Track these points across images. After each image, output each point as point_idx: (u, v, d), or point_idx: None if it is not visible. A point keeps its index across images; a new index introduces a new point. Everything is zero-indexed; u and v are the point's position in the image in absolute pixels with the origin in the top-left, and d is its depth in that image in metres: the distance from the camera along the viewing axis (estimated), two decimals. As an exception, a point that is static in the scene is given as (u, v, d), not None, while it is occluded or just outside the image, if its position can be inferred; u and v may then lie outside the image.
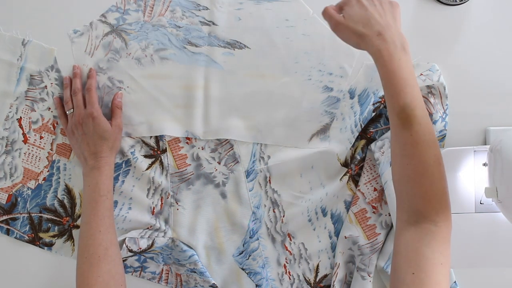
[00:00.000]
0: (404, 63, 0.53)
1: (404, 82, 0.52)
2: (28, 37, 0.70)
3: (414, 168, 0.51)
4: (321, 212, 0.71)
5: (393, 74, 0.52)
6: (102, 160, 0.66)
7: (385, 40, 0.53)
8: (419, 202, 0.51)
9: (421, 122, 0.51)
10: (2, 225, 0.72)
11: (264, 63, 0.70)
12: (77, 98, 0.67)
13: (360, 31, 0.55)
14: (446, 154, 0.63)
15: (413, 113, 0.51)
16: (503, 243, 0.63)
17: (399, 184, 0.53)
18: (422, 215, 0.50)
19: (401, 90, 0.52)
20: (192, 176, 0.71)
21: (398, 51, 0.53)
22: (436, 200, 0.50)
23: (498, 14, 0.69)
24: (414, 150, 0.51)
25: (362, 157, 0.70)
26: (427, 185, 0.50)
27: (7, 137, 0.71)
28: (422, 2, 0.69)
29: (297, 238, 0.72)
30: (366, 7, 0.55)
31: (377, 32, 0.53)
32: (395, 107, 0.52)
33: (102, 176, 0.65)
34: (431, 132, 0.51)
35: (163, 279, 0.73)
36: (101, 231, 0.62)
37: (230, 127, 0.70)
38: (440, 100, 0.68)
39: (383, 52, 0.53)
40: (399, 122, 0.52)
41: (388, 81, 0.53)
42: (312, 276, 0.72)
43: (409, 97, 0.51)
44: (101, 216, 0.63)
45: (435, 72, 0.68)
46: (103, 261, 0.60)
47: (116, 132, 0.68)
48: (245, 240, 0.72)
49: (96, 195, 0.64)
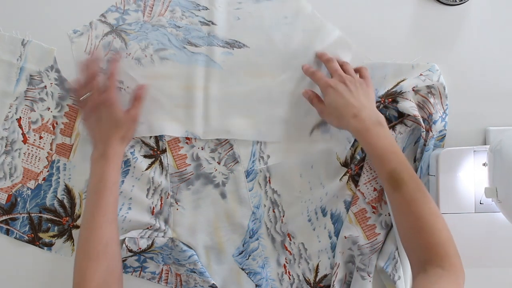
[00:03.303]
0: (383, 135, 0.60)
1: (386, 151, 0.58)
2: (28, 37, 0.70)
3: (412, 224, 0.56)
4: (321, 212, 0.71)
5: (375, 146, 0.59)
6: (111, 149, 0.64)
7: (361, 119, 0.60)
8: (423, 253, 0.55)
9: (409, 182, 0.56)
10: (2, 225, 0.72)
11: (263, 61, 0.70)
12: (94, 83, 0.65)
13: (338, 115, 0.62)
14: (446, 154, 0.63)
15: (400, 176, 0.57)
16: (503, 243, 0.63)
17: (403, 240, 0.58)
18: (428, 263, 0.53)
19: (385, 158, 0.58)
20: (192, 176, 0.71)
21: (375, 126, 0.60)
22: (439, 249, 0.54)
23: (498, 14, 0.69)
24: (409, 209, 0.56)
25: (362, 157, 0.70)
26: (427, 237, 0.54)
27: (7, 137, 0.71)
28: (422, 2, 0.69)
29: (297, 238, 0.72)
30: (342, 94, 0.62)
31: (353, 114, 0.60)
32: (383, 174, 0.59)
33: (109, 167, 0.63)
34: (421, 189, 0.56)
35: (163, 279, 0.73)
36: (103, 226, 0.61)
37: (231, 126, 0.70)
38: (440, 100, 0.68)
39: (361, 130, 0.60)
40: (389, 187, 0.58)
41: (372, 153, 0.60)
42: (312, 276, 0.72)
43: (394, 163, 0.58)
44: (104, 211, 0.61)
45: (435, 72, 0.68)
46: (102, 257, 0.59)
47: (130, 122, 0.66)
48: (245, 240, 0.72)
49: (101, 186, 0.62)
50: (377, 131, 0.59)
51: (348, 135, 0.69)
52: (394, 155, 0.58)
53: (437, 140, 0.68)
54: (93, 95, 0.65)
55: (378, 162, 0.59)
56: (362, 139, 0.60)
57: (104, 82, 0.66)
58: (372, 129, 0.59)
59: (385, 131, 0.60)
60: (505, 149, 0.55)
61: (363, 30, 0.70)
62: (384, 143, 0.59)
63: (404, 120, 0.68)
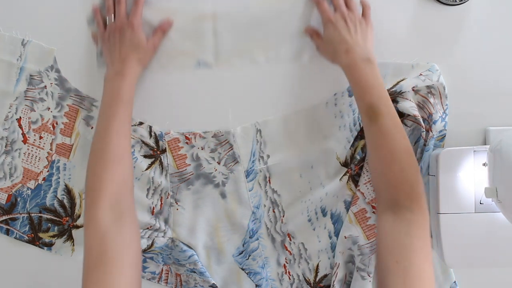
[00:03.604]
0: (370, 71, 0.60)
1: (369, 85, 0.59)
2: (28, 37, 0.70)
3: (384, 158, 0.57)
4: (321, 212, 0.71)
5: (359, 79, 0.60)
6: (128, 67, 0.64)
7: (352, 55, 0.62)
8: (392, 190, 0.55)
9: (387, 116, 0.57)
10: (2, 225, 0.72)
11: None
12: (121, 6, 0.66)
13: (332, 50, 0.64)
14: (446, 154, 0.63)
15: (379, 108, 0.58)
16: (503, 243, 0.63)
17: (374, 176, 0.59)
18: (396, 203, 0.54)
19: (366, 91, 0.59)
20: (192, 176, 0.71)
21: (363, 63, 0.61)
22: (408, 187, 0.55)
23: (498, 14, 0.69)
24: (383, 141, 0.57)
25: (362, 157, 0.70)
26: (397, 172, 0.55)
27: (7, 137, 0.71)
28: (422, 2, 0.69)
29: (297, 238, 0.72)
30: (340, 30, 0.63)
31: (345, 49, 0.62)
32: (363, 107, 0.59)
33: (125, 82, 0.63)
34: (398, 126, 0.57)
35: (163, 279, 0.73)
36: (119, 136, 0.60)
37: (242, 52, 0.70)
38: (440, 100, 0.68)
39: (350, 65, 0.61)
40: (367, 119, 0.59)
41: (355, 86, 0.61)
42: (312, 276, 0.72)
43: (375, 97, 0.59)
44: (119, 122, 0.61)
45: (435, 72, 0.68)
46: (117, 165, 0.59)
47: (150, 48, 0.68)
48: (245, 240, 0.72)
49: (118, 100, 0.62)
50: (364, 66, 0.61)
51: (348, 135, 0.69)
52: (376, 89, 0.59)
53: (437, 140, 0.68)
54: (120, 16, 0.66)
55: (360, 95, 0.60)
56: (349, 73, 0.62)
57: (132, 7, 0.67)
58: (359, 64, 0.61)
59: (372, 67, 0.61)
60: (505, 149, 0.55)
61: (363, 30, 0.70)
62: (369, 78, 0.60)
63: (404, 120, 0.68)
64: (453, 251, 0.63)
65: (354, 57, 0.61)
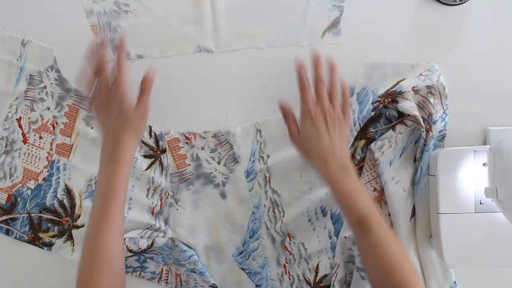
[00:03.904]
0: (351, 180, 0.60)
1: (353, 196, 0.59)
2: (28, 37, 0.70)
3: (382, 264, 0.57)
4: (321, 212, 0.71)
5: (342, 191, 0.59)
6: (121, 150, 0.61)
7: (330, 165, 0.60)
8: None
9: (378, 226, 0.58)
10: (2, 225, 0.72)
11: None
12: (102, 77, 0.62)
13: (309, 152, 0.62)
14: (446, 154, 0.63)
15: (368, 221, 0.57)
16: (503, 243, 0.63)
17: (372, 280, 0.59)
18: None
19: (353, 203, 0.59)
20: (192, 176, 0.71)
21: (342, 172, 0.60)
22: (409, 281, 0.56)
23: (498, 14, 0.69)
24: (379, 251, 0.57)
25: (362, 157, 0.70)
26: (397, 277, 0.56)
27: (7, 137, 0.71)
28: (422, 2, 0.69)
29: (297, 238, 0.72)
30: (318, 129, 0.61)
31: (323, 158, 0.61)
32: (351, 219, 0.59)
33: (118, 172, 0.60)
34: (390, 233, 0.58)
35: (162, 279, 0.73)
36: (109, 239, 0.58)
37: (242, 36, 0.70)
38: (440, 100, 0.68)
39: (329, 176, 0.60)
40: (358, 231, 0.59)
41: (339, 198, 0.60)
42: (312, 276, 0.72)
43: (362, 208, 0.58)
44: (111, 222, 0.59)
45: (435, 72, 0.68)
46: (106, 273, 0.57)
47: (140, 117, 0.63)
48: (245, 240, 0.72)
49: (109, 194, 0.59)
50: (343, 175, 0.60)
51: (348, 135, 0.69)
52: (361, 199, 0.59)
53: (437, 140, 0.68)
54: (103, 88, 0.62)
55: (345, 207, 0.60)
56: (329, 184, 0.61)
57: (114, 77, 0.62)
58: (339, 175, 0.60)
59: (352, 177, 0.61)
60: (505, 149, 0.55)
61: (363, 30, 0.70)
62: (351, 188, 0.60)
63: (404, 120, 0.68)
64: (453, 251, 0.63)
65: (332, 167, 0.60)
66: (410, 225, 0.68)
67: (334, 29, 0.70)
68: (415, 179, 0.68)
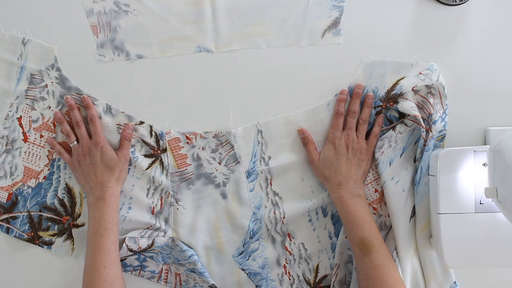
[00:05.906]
0: (360, 206, 0.65)
1: (360, 220, 0.63)
2: (28, 36, 0.70)
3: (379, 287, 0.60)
4: (322, 212, 0.71)
5: (350, 214, 0.64)
6: (108, 190, 0.66)
7: (343, 189, 0.66)
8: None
9: (379, 250, 0.62)
10: (2, 223, 0.72)
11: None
12: (81, 130, 0.68)
13: (326, 176, 0.67)
14: (446, 154, 0.63)
15: (371, 243, 0.62)
16: (503, 243, 0.63)
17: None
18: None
19: (358, 225, 0.63)
20: (193, 176, 0.71)
21: (354, 197, 0.65)
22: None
23: (498, 14, 0.69)
24: (377, 273, 0.60)
25: (362, 157, 0.70)
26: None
27: (7, 136, 0.71)
28: (422, 2, 0.70)
29: (297, 238, 0.72)
30: (338, 156, 0.67)
31: (338, 182, 0.66)
32: (355, 240, 0.63)
33: (108, 208, 0.65)
34: (390, 258, 0.62)
35: (162, 279, 0.73)
36: (106, 266, 0.62)
37: (242, 36, 0.70)
38: (439, 100, 0.68)
39: (341, 199, 0.65)
40: (359, 252, 0.62)
41: (346, 219, 0.65)
42: (312, 276, 0.72)
43: (366, 231, 0.63)
44: (107, 251, 0.63)
45: (434, 72, 0.68)
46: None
47: (123, 162, 0.68)
48: (245, 241, 0.72)
49: (102, 228, 0.64)
50: (354, 201, 0.65)
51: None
52: (367, 224, 0.63)
53: (437, 140, 0.68)
54: (84, 140, 0.68)
55: (351, 228, 0.64)
56: (340, 206, 0.66)
57: (91, 128, 0.68)
58: (350, 199, 0.65)
59: (362, 202, 0.66)
60: (505, 149, 0.55)
61: (363, 29, 0.70)
62: (360, 212, 0.64)
63: (404, 120, 0.68)
64: (453, 251, 0.63)
65: (346, 192, 0.65)
66: (410, 225, 0.68)
67: (334, 29, 0.70)
68: (415, 179, 0.68)
